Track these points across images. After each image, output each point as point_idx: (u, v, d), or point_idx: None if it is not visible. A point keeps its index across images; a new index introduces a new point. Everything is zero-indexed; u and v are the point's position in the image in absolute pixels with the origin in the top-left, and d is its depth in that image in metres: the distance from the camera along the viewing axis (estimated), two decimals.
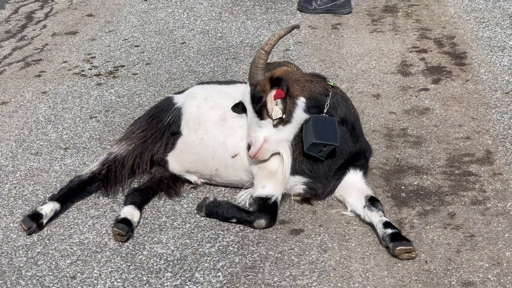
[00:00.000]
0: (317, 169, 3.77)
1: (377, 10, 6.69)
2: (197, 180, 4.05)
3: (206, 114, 3.95)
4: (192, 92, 4.14)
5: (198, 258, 3.50)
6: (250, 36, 6.23)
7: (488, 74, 5.24)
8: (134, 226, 3.71)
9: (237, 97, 3.93)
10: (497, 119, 4.60)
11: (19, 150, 4.58)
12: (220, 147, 3.88)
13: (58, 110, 5.09)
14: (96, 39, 6.35)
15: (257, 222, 3.65)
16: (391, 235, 3.43)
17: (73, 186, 3.93)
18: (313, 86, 3.75)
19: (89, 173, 3.98)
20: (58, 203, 3.83)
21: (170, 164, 4.04)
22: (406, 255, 3.37)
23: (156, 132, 4.03)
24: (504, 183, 3.94)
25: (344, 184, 3.82)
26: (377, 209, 3.62)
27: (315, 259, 3.44)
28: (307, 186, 3.81)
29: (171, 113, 4.05)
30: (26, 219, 3.74)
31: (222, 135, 3.89)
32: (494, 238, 3.51)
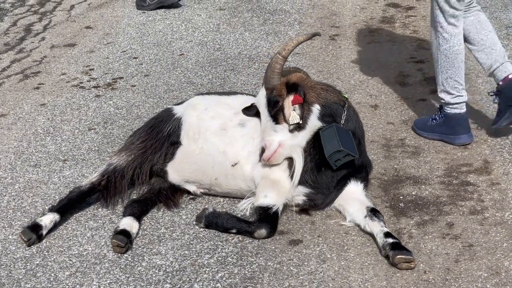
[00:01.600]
0: (320, 180, 3.79)
1: (374, 21, 6.72)
2: (196, 190, 4.06)
3: (207, 123, 3.97)
4: (192, 102, 4.16)
5: (197, 269, 3.50)
6: (248, 47, 6.25)
7: (485, 84, 5.25)
8: (133, 237, 3.71)
9: (237, 108, 3.97)
10: (495, 129, 4.60)
11: (18, 162, 4.58)
12: (220, 156, 3.90)
13: (56, 122, 5.10)
14: (94, 51, 6.37)
15: (258, 232, 3.65)
16: (392, 244, 3.44)
17: (72, 197, 3.94)
18: (328, 94, 3.80)
19: (89, 184, 3.99)
20: (58, 214, 3.84)
21: (170, 175, 4.04)
22: (405, 265, 3.38)
23: (156, 143, 4.05)
24: (502, 192, 3.95)
25: (344, 195, 3.83)
26: (378, 219, 3.63)
27: (314, 270, 3.45)
28: (308, 197, 3.83)
29: (170, 123, 4.07)
30: (25, 231, 3.74)
31: (222, 144, 3.91)
32: (493, 248, 3.52)
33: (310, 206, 3.87)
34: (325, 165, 3.76)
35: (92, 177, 4.03)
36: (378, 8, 7.06)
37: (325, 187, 3.81)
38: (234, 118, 3.97)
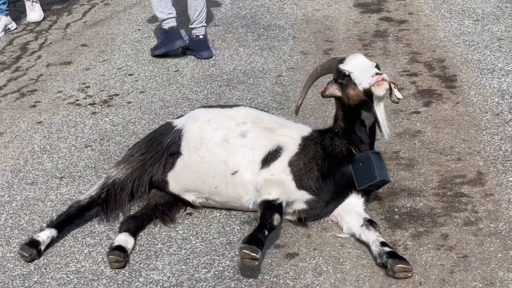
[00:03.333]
0: (324, 189, 3.85)
1: (367, 35, 6.77)
2: (195, 199, 4.09)
3: (209, 134, 4.03)
4: (193, 115, 4.22)
5: (194, 284, 3.52)
6: (242, 63, 6.30)
7: (478, 96, 5.30)
8: (128, 252, 3.73)
9: (239, 120, 4.05)
10: (488, 141, 4.65)
11: (15, 180, 4.61)
12: (221, 165, 3.95)
13: (53, 140, 5.13)
14: (90, 69, 6.41)
15: (276, 219, 3.62)
16: (389, 253, 3.48)
17: (71, 212, 3.96)
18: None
19: (88, 198, 4.01)
20: (55, 230, 3.87)
21: (170, 184, 4.08)
22: (403, 274, 3.41)
23: (155, 155, 4.10)
24: (496, 203, 3.99)
25: (343, 206, 3.88)
26: (374, 229, 3.68)
27: (310, 283, 3.47)
28: (308, 204, 3.87)
29: (170, 135, 4.13)
30: (25, 247, 3.76)
31: (224, 154, 3.96)
32: (487, 259, 3.54)
33: (308, 215, 3.90)
34: (330, 176, 3.84)
35: (91, 191, 4.06)
36: (371, 22, 7.12)
37: (327, 196, 3.87)
38: (236, 129, 4.03)
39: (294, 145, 3.95)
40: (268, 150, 3.93)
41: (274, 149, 3.93)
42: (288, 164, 3.89)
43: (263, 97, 5.55)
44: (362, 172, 3.84)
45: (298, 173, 3.86)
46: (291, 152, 3.92)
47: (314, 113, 5.22)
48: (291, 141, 3.97)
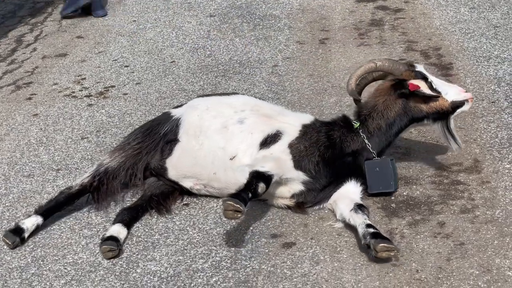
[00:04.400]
0: (323, 173, 3.90)
1: (363, 24, 6.76)
2: (193, 185, 4.09)
3: (208, 122, 4.04)
4: (192, 104, 4.24)
5: (191, 274, 3.53)
6: (238, 53, 6.29)
7: (474, 84, 5.30)
8: (121, 242, 3.74)
9: (238, 107, 4.07)
10: (484, 128, 4.65)
11: (11, 172, 4.60)
12: (220, 152, 3.96)
13: (49, 132, 5.12)
14: (86, 61, 6.39)
15: (261, 187, 3.63)
16: (373, 233, 3.49)
17: (60, 200, 3.98)
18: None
19: (79, 186, 4.02)
20: (41, 217, 3.90)
21: (169, 171, 4.08)
22: (386, 254, 3.42)
23: (151, 143, 4.12)
24: (493, 191, 3.99)
25: (340, 193, 3.90)
26: (362, 212, 3.70)
27: (308, 272, 3.47)
28: (306, 186, 3.88)
29: (168, 124, 4.14)
30: (8, 234, 3.81)
31: (222, 140, 3.97)
32: (484, 246, 3.55)
33: (306, 198, 3.92)
34: (332, 164, 3.88)
35: (83, 178, 4.06)
36: (367, 11, 7.11)
37: (325, 180, 3.89)
38: (235, 116, 4.04)
39: (294, 131, 3.97)
40: (267, 134, 3.95)
41: (274, 133, 3.95)
42: (288, 146, 3.91)
43: (259, 87, 5.55)
44: (378, 177, 3.91)
45: (298, 154, 3.88)
46: (291, 137, 3.94)
47: (310, 103, 5.22)
48: (291, 127, 3.99)
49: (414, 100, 3.95)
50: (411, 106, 3.96)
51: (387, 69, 4.01)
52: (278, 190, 3.92)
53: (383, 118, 3.96)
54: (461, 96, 3.99)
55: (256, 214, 3.96)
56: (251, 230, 3.82)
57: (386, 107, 3.96)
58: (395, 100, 3.96)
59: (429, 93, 3.94)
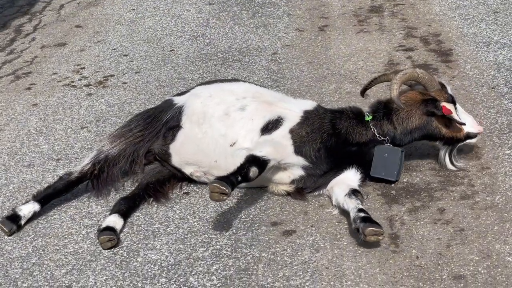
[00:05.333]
0: (324, 160, 3.91)
1: (363, 11, 6.74)
2: (194, 172, 4.09)
3: (212, 109, 4.04)
4: (195, 92, 4.24)
5: (192, 263, 3.54)
6: (238, 41, 6.28)
7: (474, 70, 5.29)
8: (117, 232, 3.75)
9: (240, 94, 4.07)
10: (484, 114, 4.64)
11: (11, 163, 4.61)
12: (222, 139, 3.96)
13: (49, 122, 5.12)
14: (85, 50, 6.39)
15: (253, 171, 3.64)
16: (363, 217, 3.51)
17: (58, 187, 3.99)
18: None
19: (78, 173, 4.02)
20: (38, 204, 3.91)
21: (173, 157, 4.09)
22: (374, 237, 3.43)
23: (153, 131, 4.12)
24: (492, 177, 3.99)
25: (338, 179, 3.91)
26: (356, 198, 3.72)
27: (308, 259, 3.48)
28: (306, 171, 3.89)
29: (170, 111, 4.14)
30: (5, 221, 3.82)
31: (223, 128, 3.98)
32: (484, 232, 3.55)
33: (305, 184, 3.93)
34: (334, 152, 3.89)
35: (83, 166, 4.05)
36: None
37: (325, 167, 3.91)
38: (236, 103, 4.04)
39: (295, 116, 3.97)
40: (268, 120, 3.95)
41: (275, 119, 3.95)
42: (288, 131, 3.91)
43: (259, 75, 5.54)
44: (384, 163, 3.91)
45: (299, 140, 3.88)
46: (292, 122, 3.94)
47: (310, 90, 5.21)
48: (292, 112, 3.99)
49: (439, 121, 3.97)
50: (433, 126, 3.98)
51: (423, 81, 3.97)
52: (277, 175, 3.93)
53: (401, 125, 3.96)
54: (475, 129, 4.05)
55: (256, 202, 3.96)
56: (251, 218, 3.83)
57: (409, 118, 3.96)
58: (421, 115, 3.96)
59: (460, 121, 3.96)
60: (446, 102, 3.96)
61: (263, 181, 3.96)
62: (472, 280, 3.23)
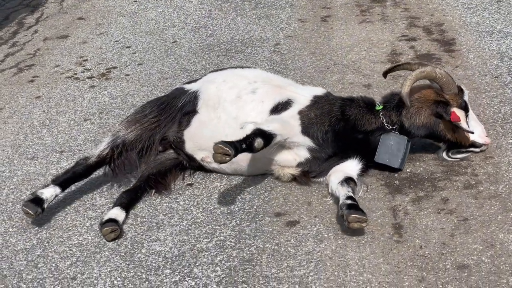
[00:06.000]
0: (330, 143, 3.93)
1: (365, 1, 6.72)
2: (205, 157, 4.10)
3: (225, 93, 4.08)
4: (208, 78, 4.28)
5: (196, 254, 3.54)
6: (240, 32, 6.27)
7: (477, 59, 5.28)
8: (120, 223, 3.76)
9: (251, 79, 4.13)
10: (487, 104, 4.64)
11: (15, 155, 4.62)
12: (233, 122, 3.99)
13: (52, 114, 5.13)
14: (87, 42, 6.38)
15: (258, 141, 3.65)
16: (349, 204, 3.54)
17: (78, 171, 3.97)
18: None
19: (96, 157, 4.01)
20: (60, 188, 3.88)
21: (186, 144, 4.11)
22: (357, 224, 3.46)
23: (169, 116, 4.14)
24: (496, 166, 3.99)
25: (338, 167, 3.92)
26: (348, 185, 3.74)
27: (312, 250, 3.49)
28: (311, 153, 3.92)
29: (185, 97, 4.17)
30: (29, 204, 3.74)
31: (235, 111, 4.02)
32: (487, 221, 3.55)
33: (311, 167, 3.95)
34: (341, 137, 3.92)
35: (101, 150, 4.04)
36: None
37: (331, 151, 3.93)
38: (248, 87, 4.09)
39: (305, 100, 4.01)
40: (277, 102, 4.00)
41: (284, 101, 4.00)
42: (297, 112, 3.95)
43: (262, 66, 5.54)
44: (389, 150, 3.93)
45: (307, 121, 3.91)
46: (302, 105, 3.99)
47: (312, 81, 5.21)
48: (302, 96, 4.03)
49: (446, 125, 3.98)
50: (440, 128, 3.99)
51: (440, 82, 3.94)
52: (283, 157, 3.95)
53: (409, 120, 3.98)
54: (482, 140, 4.05)
55: (260, 193, 3.97)
56: (255, 209, 3.84)
57: (418, 114, 3.97)
58: (429, 115, 3.97)
59: (466, 129, 3.95)
60: (458, 107, 3.95)
61: (269, 165, 3.98)
62: (476, 269, 3.24)
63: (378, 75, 5.22)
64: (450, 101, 3.97)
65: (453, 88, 3.97)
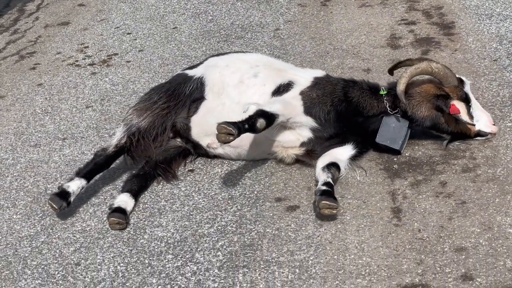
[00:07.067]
0: (332, 123, 3.96)
1: None
2: (211, 143, 4.14)
3: (228, 78, 4.13)
4: (210, 63, 4.32)
5: (197, 239, 3.59)
6: (240, 17, 6.29)
7: (476, 42, 5.29)
8: (128, 214, 3.79)
9: (252, 63, 4.19)
10: (486, 87, 4.66)
11: (18, 143, 4.66)
12: (237, 107, 4.03)
13: (54, 102, 5.16)
14: (88, 29, 6.41)
15: (260, 122, 3.69)
16: (323, 191, 3.59)
17: (99, 162, 3.98)
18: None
19: (114, 147, 4.03)
20: (85, 180, 3.89)
21: (193, 130, 4.14)
22: (328, 211, 3.51)
23: (179, 103, 4.17)
24: (494, 149, 4.02)
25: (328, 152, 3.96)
26: (328, 171, 3.79)
27: (312, 234, 3.53)
28: (314, 133, 3.96)
29: (191, 83, 4.21)
30: (55, 198, 3.74)
31: (238, 95, 4.06)
32: (485, 204, 3.59)
33: (314, 146, 3.98)
34: (342, 117, 3.96)
35: (117, 139, 4.06)
36: None
37: (332, 131, 3.97)
38: (250, 71, 4.14)
39: (306, 81, 4.06)
40: (279, 84, 4.05)
41: (286, 83, 4.05)
42: (299, 93, 3.99)
43: (262, 51, 5.56)
44: (390, 132, 3.98)
45: (309, 101, 3.96)
46: (303, 86, 4.03)
47: (312, 66, 5.23)
48: (303, 78, 4.08)
49: (448, 117, 4.01)
50: (441, 121, 4.03)
51: (438, 76, 3.97)
52: (287, 138, 3.99)
53: (412, 110, 4.02)
54: (488, 129, 4.06)
55: (260, 179, 4.01)
56: (255, 195, 3.88)
57: (419, 107, 4.01)
58: (430, 109, 4.01)
59: (466, 121, 3.99)
60: (458, 99, 3.99)
61: (272, 147, 4.02)
62: (474, 252, 3.28)
63: (378, 60, 5.24)
64: (450, 93, 3.99)
65: (452, 80, 3.98)
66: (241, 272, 3.33)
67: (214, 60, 4.37)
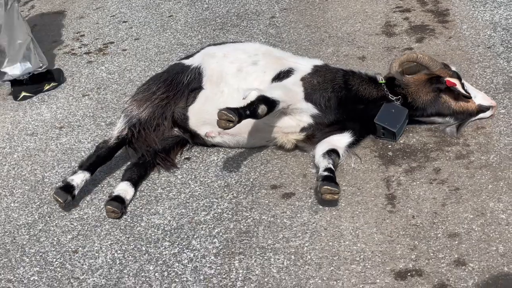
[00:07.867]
0: (332, 110, 4.00)
1: None
2: (209, 132, 4.16)
3: (227, 68, 4.15)
4: (207, 52, 4.33)
5: (194, 226, 3.63)
6: (236, 5, 6.30)
7: (470, 30, 5.32)
8: (126, 203, 3.82)
9: (251, 52, 4.21)
10: (480, 74, 4.69)
11: (15, 131, 4.69)
12: (236, 94, 4.04)
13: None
14: (84, 17, 6.42)
15: (261, 108, 3.70)
16: (324, 176, 3.62)
17: (101, 154, 3.99)
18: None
19: (115, 139, 4.04)
20: (88, 173, 3.90)
21: (190, 120, 4.16)
22: (329, 196, 3.55)
23: (178, 92, 4.18)
24: (487, 136, 4.06)
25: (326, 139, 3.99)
26: (329, 157, 3.82)
27: (307, 221, 3.57)
28: (314, 119, 3.99)
29: (188, 73, 4.22)
30: (59, 192, 3.76)
31: (237, 83, 4.09)
32: (478, 190, 3.63)
33: (314, 131, 4.01)
34: (342, 104, 4.00)
35: (118, 131, 4.07)
36: None
37: (332, 118, 4.00)
38: (249, 59, 4.17)
39: (306, 68, 4.11)
40: (279, 71, 4.09)
41: (286, 69, 4.10)
42: (300, 79, 4.03)
43: (257, 39, 5.58)
44: (389, 116, 4.05)
45: (310, 87, 3.99)
46: (304, 72, 4.07)
47: (308, 54, 5.25)
48: (303, 66, 4.13)
49: (446, 95, 4.08)
50: (441, 101, 4.09)
51: (424, 63, 4.08)
52: (287, 123, 4.01)
53: (411, 97, 4.10)
54: (487, 102, 4.14)
55: (256, 166, 4.04)
56: (251, 182, 3.91)
57: (417, 93, 4.09)
58: (427, 93, 4.08)
59: (463, 92, 4.06)
60: (450, 77, 4.09)
61: (272, 133, 4.05)
62: (467, 237, 3.32)
63: (373, 47, 5.27)
64: (441, 75, 4.09)
65: (438, 64, 4.10)
66: (237, 258, 3.37)
67: (212, 49, 4.39)
